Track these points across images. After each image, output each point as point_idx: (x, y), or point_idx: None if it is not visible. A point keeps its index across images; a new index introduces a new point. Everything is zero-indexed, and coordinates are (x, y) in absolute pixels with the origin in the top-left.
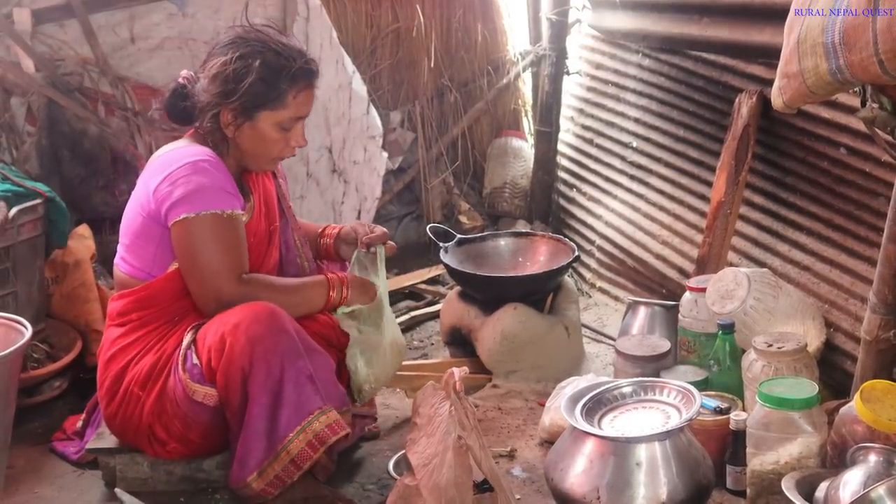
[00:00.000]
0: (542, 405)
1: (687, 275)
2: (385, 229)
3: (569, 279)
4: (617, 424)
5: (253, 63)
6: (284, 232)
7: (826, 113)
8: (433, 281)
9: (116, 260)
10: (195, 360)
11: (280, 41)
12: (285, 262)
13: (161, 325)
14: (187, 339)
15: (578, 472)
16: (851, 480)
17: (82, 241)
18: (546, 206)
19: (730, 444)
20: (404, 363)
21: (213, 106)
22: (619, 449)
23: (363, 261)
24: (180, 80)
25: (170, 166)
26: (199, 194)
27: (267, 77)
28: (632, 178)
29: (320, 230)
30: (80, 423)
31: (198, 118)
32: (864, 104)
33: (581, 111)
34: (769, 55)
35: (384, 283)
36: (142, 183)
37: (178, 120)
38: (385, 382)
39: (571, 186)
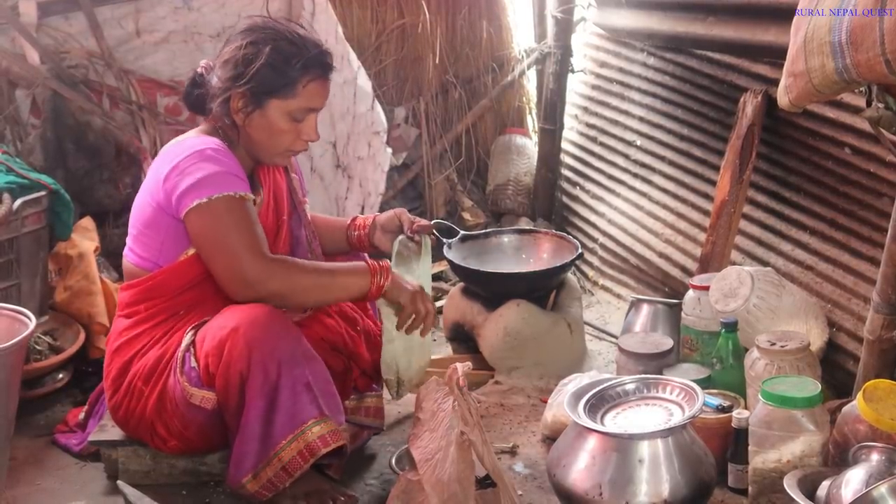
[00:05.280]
0: (545, 402)
1: (690, 273)
2: (429, 222)
3: (572, 276)
4: (619, 421)
5: (263, 48)
6: (295, 227)
7: (831, 112)
8: (436, 277)
9: (125, 250)
10: (193, 364)
11: (295, 31)
12: (294, 257)
13: (168, 317)
14: (186, 339)
15: (581, 468)
16: (853, 479)
17: (86, 233)
18: (549, 203)
19: (732, 442)
20: None
21: (224, 91)
22: (622, 446)
23: (404, 249)
24: (199, 69)
25: (177, 156)
26: (209, 180)
27: (276, 63)
28: (635, 176)
29: (349, 222)
30: (82, 416)
31: (210, 106)
32: (869, 104)
33: (585, 109)
34: (774, 54)
35: (428, 274)
36: (151, 173)
37: (195, 109)
38: (421, 379)
39: (575, 184)
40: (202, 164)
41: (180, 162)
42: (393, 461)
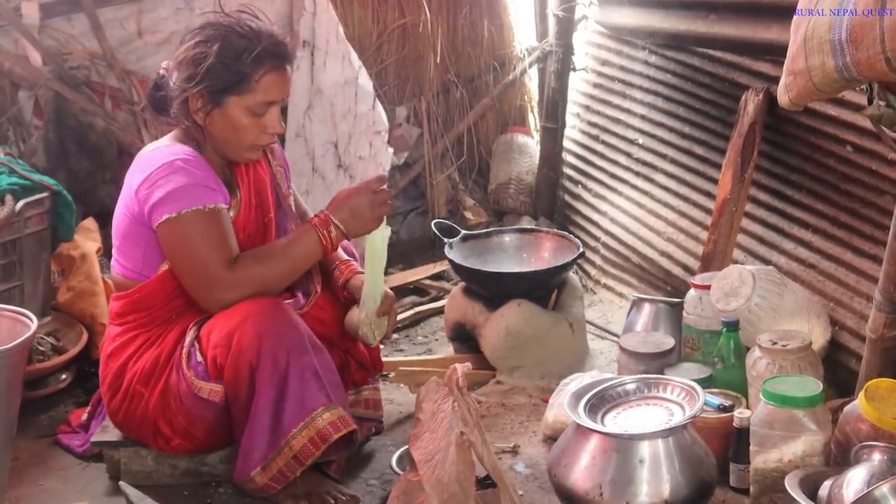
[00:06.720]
0: (546, 401)
1: (692, 272)
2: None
3: (573, 276)
4: (620, 421)
5: (212, 46)
6: (283, 222)
7: (832, 110)
8: (438, 276)
9: (112, 261)
10: (199, 358)
11: (247, 24)
12: None
13: (159, 324)
14: (190, 335)
15: (581, 468)
16: (855, 479)
17: (88, 234)
18: (551, 202)
19: (733, 442)
20: (408, 358)
21: (180, 93)
22: (622, 446)
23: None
24: (160, 71)
25: (148, 168)
26: (178, 193)
27: (227, 60)
28: (637, 174)
29: (335, 264)
30: (84, 416)
31: (172, 108)
32: (870, 102)
33: (587, 108)
34: (776, 52)
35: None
36: (126, 184)
37: (159, 112)
38: (382, 325)
39: (577, 183)
40: (172, 175)
41: (152, 173)
42: (393, 461)
